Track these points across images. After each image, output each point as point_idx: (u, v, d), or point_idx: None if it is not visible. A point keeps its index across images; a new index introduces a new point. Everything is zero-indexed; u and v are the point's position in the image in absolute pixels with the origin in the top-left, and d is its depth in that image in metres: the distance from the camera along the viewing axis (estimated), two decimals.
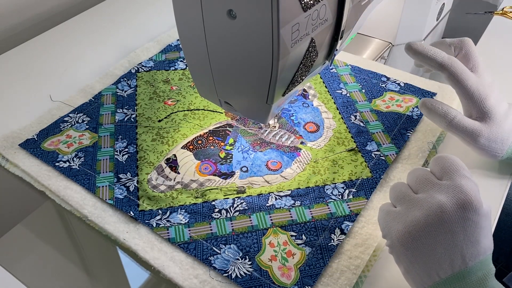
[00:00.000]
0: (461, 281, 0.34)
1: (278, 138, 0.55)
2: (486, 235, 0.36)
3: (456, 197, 0.35)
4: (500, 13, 0.79)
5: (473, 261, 0.35)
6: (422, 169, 0.40)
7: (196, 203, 0.48)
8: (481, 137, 0.47)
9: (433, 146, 0.53)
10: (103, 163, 0.52)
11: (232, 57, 0.39)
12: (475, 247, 0.35)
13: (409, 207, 0.37)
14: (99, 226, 0.46)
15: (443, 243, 0.35)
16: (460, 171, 0.37)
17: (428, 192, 0.37)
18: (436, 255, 0.35)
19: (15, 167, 0.52)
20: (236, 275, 0.41)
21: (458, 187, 0.36)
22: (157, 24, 0.76)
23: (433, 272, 0.35)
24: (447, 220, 0.35)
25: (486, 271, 0.35)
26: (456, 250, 0.35)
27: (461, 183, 0.36)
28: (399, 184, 0.40)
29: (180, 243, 0.44)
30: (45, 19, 0.79)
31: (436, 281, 0.35)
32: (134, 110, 0.58)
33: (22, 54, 0.69)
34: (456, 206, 0.35)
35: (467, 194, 0.35)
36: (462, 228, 0.35)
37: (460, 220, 0.35)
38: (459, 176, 0.37)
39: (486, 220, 0.36)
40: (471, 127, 0.47)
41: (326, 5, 0.38)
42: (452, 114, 0.48)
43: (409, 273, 0.37)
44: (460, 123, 0.47)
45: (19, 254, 0.45)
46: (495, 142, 0.48)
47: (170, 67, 0.66)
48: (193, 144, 0.54)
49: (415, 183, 0.39)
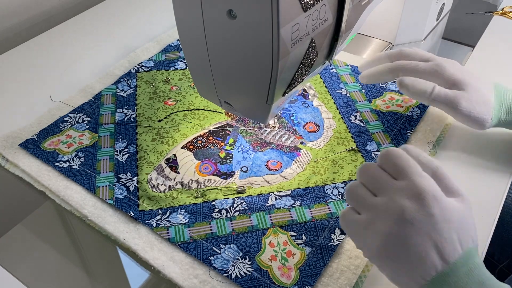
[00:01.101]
0: (447, 279, 0.34)
1: (278, 138, 0.55)
2: (462, 228, 0.35)
3: (416, 197, 0.35)
4: (500, 13, 0.79)
5: (453, 258, 0.34)
6: (375, 168, 0.39)
7: (196, 203, 0.48)
8: (463, 100, 0.49)
9: (433, 146, 0.53)
10: (103, 163, 0.52)
11: (232, 57, 0.39)
12: (451, 243, 0.34)
13: (375, 215, 0.37)
14: (99, 226, 0.46)
15: (418, 245, 0.34)
16: (413, 168, 0.37)
17: (388, 195, 0.37)
18: (415, 259, 0.35)
19: (15, 167, 0.52)
20: (236, 275, 0.41)
21: (415, 186, 0.35)
22: (157, 24, 0.76)
23: (417, 276, 0.35)
24: (414, 222, 0.34)
25: (471, 266, 0.34)
26: (432, 249, 0.34)
27: (418, 181, 0.36)
28: (356, 187, 0.39)
29: (180, 243, 0.44)
30: (45, 19, 0.79)
31: (423, 284, 0.35)
32: (134, 110, 0.58)
33: (22, 54, 0.69)
34: (418, 206, 0.35)
35: (426, 192, 0.35)
36: (431, 227, 0.34)
37: (426, 218, 0.34)
38: (415, 175, 0.36)
39: (458, 212, 0.36)
40: (451, 94, 0.50)
41: (326, 5, 0.38)
42: (431, 86, 0.50)
43: (395, 280, 0.37)
44: (441, 93, 0.50)
45: (19, 254, 0.45)
46: (478, 104, 0.49)
47: (170, 67, 0.66)
48: (193, 144, 0.54)
49: (372, 184, 0.38)
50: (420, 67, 0.52)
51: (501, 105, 0.50)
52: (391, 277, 0.37)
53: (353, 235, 0.39)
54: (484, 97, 0.50)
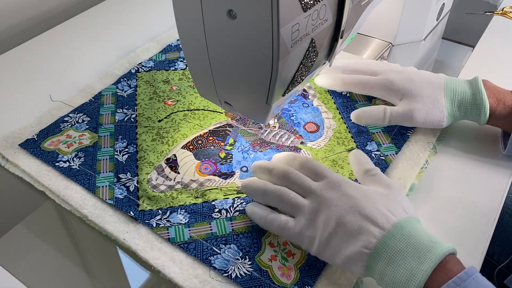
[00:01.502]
0: (388, 242, 0.37)
1: (278, 138, 0.55)
2: (389, 204, 0.40)
3: (335, 188, 0.42)
4: (500, 13, 0.79)
5: (389, 224, 0.38)
6: (296, 173, 0.44)
7: (196, 203, 0.48)
8: (415, 112, 0.52)
9: (433, 146, 0.53)
10: (103, 163, 0.52)
11: (232, 57, 0.39)
12: (382, 214, 0.39)
13: (313, 218, 0.41)
14: (99, 226, 0.46)
15: (352, 222, 0.39)
16: (327, 170, 0.44)
17: (316, 195, 0.42)
18: (354, 233, 0.39)
19: (15, 167, 0.52)
20: (236, 275, 0.41)
21: (333, 180, 0.43)
22: (157, 24, 0.76)
23: (361, 248, 0.38)
24: (340, 204, 0.41)
25: (410, 229, 0.38)
26: (365, 221, 0.39)
27: (333, 176, 0.43)
28: (286, 193, 0.43)
29: (180, 243, 0.44)
30: (45, 19, 0.79)
31: (368, 254, 0.38)
32: (134, 110, 0.58)
33: (22, 54, 0.69)
34: (339, 193, 0.41)
35: (341, 181, 0.42)
36: (355, 204, 0.40)
37: (348, 199, 0.41)
38: (329, 173, 0.44)
39: (378, 193, 0.41)
40: (403, 111, 0.52)
41: (326, 5, 0.38)
42: (387, 112, 0.53)
43: (345, 262, 0.39)
44: (393, 114, 0.53)
45: (19, 254, 0.45)
46: (430, 110, 0.52)
47: (170, 67, 0.66)
48: (193, 144, 0.54)
49: (299, 189, 0.43)
50: (371, 82, 0.56)
51: (452, 103, 0.52)
52: (341, 261, 0.39)
53: (295, 238, 0.42)
54: (434, 101, 0.52)
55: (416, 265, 0.36)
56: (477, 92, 0.51)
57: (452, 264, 0.36)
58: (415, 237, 0.37)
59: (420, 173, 0.51)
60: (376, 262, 0.37)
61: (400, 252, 0.37)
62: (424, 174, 0.51)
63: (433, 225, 0.46)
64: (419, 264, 0.36)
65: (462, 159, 0.53)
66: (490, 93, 0.52)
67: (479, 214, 0.47)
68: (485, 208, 0.48)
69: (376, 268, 0.37)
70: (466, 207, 0.48)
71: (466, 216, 0.47)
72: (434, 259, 0.35)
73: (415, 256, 0.36)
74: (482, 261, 0.43)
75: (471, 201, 0.48)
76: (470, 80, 0.53)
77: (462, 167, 0.52)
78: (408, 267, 0.36)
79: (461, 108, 0.52)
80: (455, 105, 0.52)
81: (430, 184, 0.50)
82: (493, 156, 0.53)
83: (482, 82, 0.52)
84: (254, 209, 0.44)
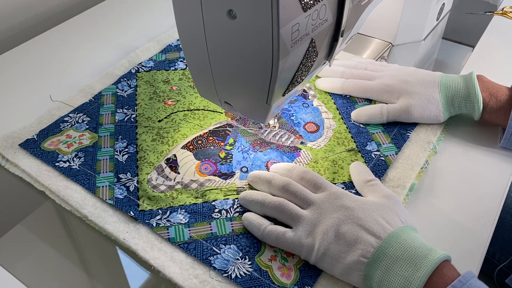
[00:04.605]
0: (385, 251, 0.38)
1: (278, 138, 0.55)
2: (385, 214, 0.41)
3: (333, 199, 0.43)
4: (500, 13, 0.79)
5: (385, 234, 0.39)
6: (296, 185, 0.45)
7: (196, 203, 0.48)
8: (412, 108, 0.54)
9: (433, 146, 0.53)
10: (103, 163, 0.52)
11: (232, 57, 0.39)
12: (378, 224, 0.40)
13: (312, 228, 0.42)
14: (99, 226, 0.46)
15: (349, 232, 0.40)
16: (326, 182, 0.46)
17: (316, 206, 0.43)
18: (352, 243, 0.40)
19: (15, 167, 0.52)
20: (236, 275, 0.41)
21: (333, 193, 0.44)
22: (157, 24, 0.76)
23: (359, 257, 0.39)
24: (338, 217, 0.41)
25: (406, 238, 0.39)
26: (362, 231, 0.40)
27: (333, 189, 0.45)
28: (286, 204, 0.44)
29: (180, 243, 0.44)
30: (45, 19, 0.79)
31: (366, 263, 0.38)
32: (134, 110, 0.58)
33: (22, 54, 0.69)
34: (337, 205, 0.42)
35: (339, 193, 0.44)
36: (352, 216, 0.41)
37: (346, 211, 0.41)
38: (329, 186, 0.45)
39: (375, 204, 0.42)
40: (401, 108, 0.55)
41: (326, 5, 0.38)
42: (384, 108, 0.55)
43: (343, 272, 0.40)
44: (390, 111, 0.55)
45: (19, 254, 0.45)
46: (427, 106, 0.54)
47: (170, 67, 0.66)
48: (193, 144, 0.54)
49: (298, 201, 0.44)
50: (368, 87, 0.58)
51: (447, 98, 0.54)
52: (340, 270, 0.40)
53: (295, 249, 0.42)
54: (430, 97, 0.54)
55: (412, 272, 0.36)
56: (471, 86, 0.53)
57: (448, 270, 0.36)
58: (410, 245, 0.38)
59: (420, 173, 0.51)
60: (374, 271, 0.38)
61: (397, 260, 0.37)
62: (424, 174, 0.51)
63: (433, 225, 0.46)
64: (415, 271, 0.36)
65: (462, 159, 0.53)
66: (484, 87, 0.53)
67: (479, 214, 0.47)
68: (485, 208, 0.48)
69: (374, 276, 0.38)
70: (466, 207, 0.48)
71: (466, 216, 0.47)
72: (430, 265, 0.36)
73: (411, 263, 0.37)
74: (483, 261, 0.43)
75: (471, 201, 0.48)
76: (465, 75, 0.55)
77: (462, 167, 0.52)
78: (405, 274, 0.36)
79: (455, 102, 0.54)
80: (449, 100, 0.54)
81: (430, 184, 0.50)
82: (493, 156, 0.53)
83: (477, 77, 0.54)
84: (251, 220, 0.44)
